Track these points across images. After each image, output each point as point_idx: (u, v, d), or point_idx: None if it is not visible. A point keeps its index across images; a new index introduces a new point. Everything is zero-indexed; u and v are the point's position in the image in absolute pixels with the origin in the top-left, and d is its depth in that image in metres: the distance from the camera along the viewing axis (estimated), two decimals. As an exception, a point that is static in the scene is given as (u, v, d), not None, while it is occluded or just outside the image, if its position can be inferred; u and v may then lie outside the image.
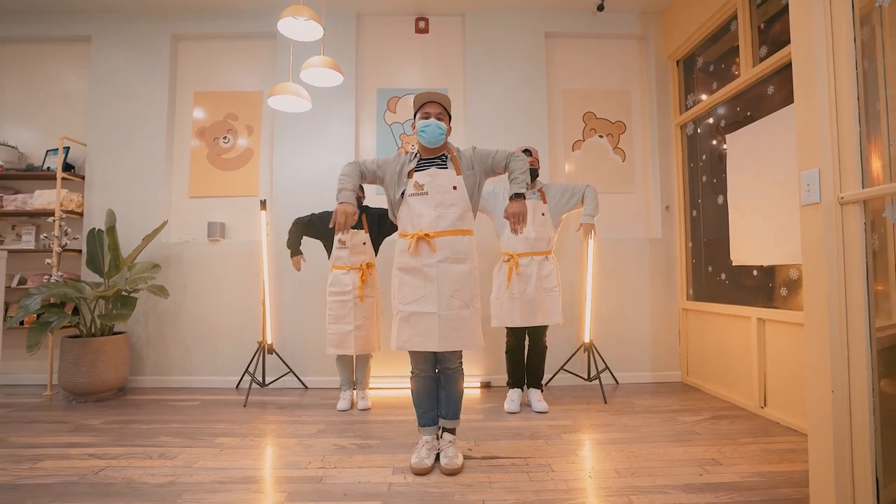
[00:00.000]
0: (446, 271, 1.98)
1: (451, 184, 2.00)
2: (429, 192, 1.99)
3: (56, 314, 2.90)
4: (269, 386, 3.31)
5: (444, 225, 1.98)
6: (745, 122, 2.85)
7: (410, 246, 1.99)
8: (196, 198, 3.64)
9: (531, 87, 3.62)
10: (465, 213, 2.03)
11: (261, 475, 1.91)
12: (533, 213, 2.78)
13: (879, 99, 1.49)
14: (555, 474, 1.90)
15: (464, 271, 2.00)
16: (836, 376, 1.45)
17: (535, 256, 2.75)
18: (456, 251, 1.99)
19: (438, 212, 1.98)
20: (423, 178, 2.01)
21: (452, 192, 2.00)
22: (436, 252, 1.97)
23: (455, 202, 2.00)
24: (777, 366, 2.57)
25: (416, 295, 1.99)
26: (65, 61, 3.72)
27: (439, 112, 2.03)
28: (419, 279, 2.00)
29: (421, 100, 2.05)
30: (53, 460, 2.04)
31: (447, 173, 2.02)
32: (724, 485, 1.80)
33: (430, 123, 2.00)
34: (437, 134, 2.01)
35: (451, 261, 1.99)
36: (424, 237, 1.97)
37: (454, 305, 1.97)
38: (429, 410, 2.07)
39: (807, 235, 1.56)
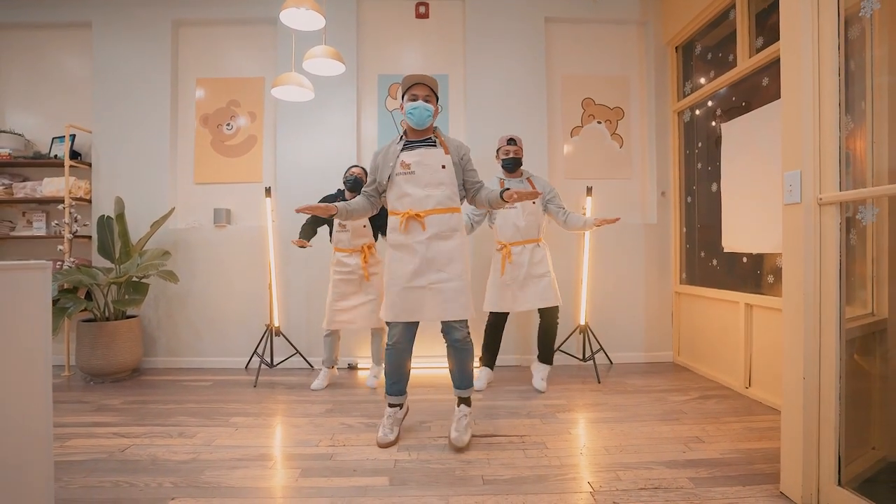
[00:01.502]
0: (435, 247, 2.06)
1: (440, 163, 2.06)
2: (416, 171, 2.05)
3: (72, 300, 3.01)
4: (277, 367, 3.45)
5: (432, 204, 2.05)
6: (740, 111, 2.90)
7: (401, 224, 2.07)
8: (201, 184, 3.71)
9: (531, 73, 3.64)
10: (453, 193, 2.09)
11: (275, 453, 2.06)
12: (522, 202, 2.84)
13: (866, 108, 1.56)
14: (549, 451, 2.05)
15: (452, 246, 2.08)
16: (808, 365, 1.57)
17: (526, 245, 2.85)
18: (444, 228, 2.07)
19: (427, 191, 2.05)
20: (410, 158, 2.06)
21: (441, 171, 2.06)
22: (425, 230, 2.05)
23: (443, 181, 2.06)
24: (762, 349, 2.71)
25: (406, 270, 2.08)
26: (67, 47, 3.72)
27: (427, 94, 2.07)
28: (409, 255, 2.08)
29: (408, 82, 2.09)
30: (81, 439, 2.19)
31: (436, 152, 2.07)
32: (704, 461, 1.94)
33: (417, 105, 2.04)
34: (425, 116, 2.06)
35: (440, 237, 2.07)
36: (415, 216, 2.04)
37: (443, 279, 2.06)
38: (398, 381, 2.18)
39: (787, 233, 1.66)
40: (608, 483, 1.77)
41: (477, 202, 2.17)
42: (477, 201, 2.17)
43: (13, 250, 3.68)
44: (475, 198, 2.18)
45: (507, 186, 2.85)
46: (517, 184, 2.91)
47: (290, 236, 3.52)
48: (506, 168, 2.90)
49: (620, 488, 1.74)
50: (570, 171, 3.73)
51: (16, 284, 1.04)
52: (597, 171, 3.73)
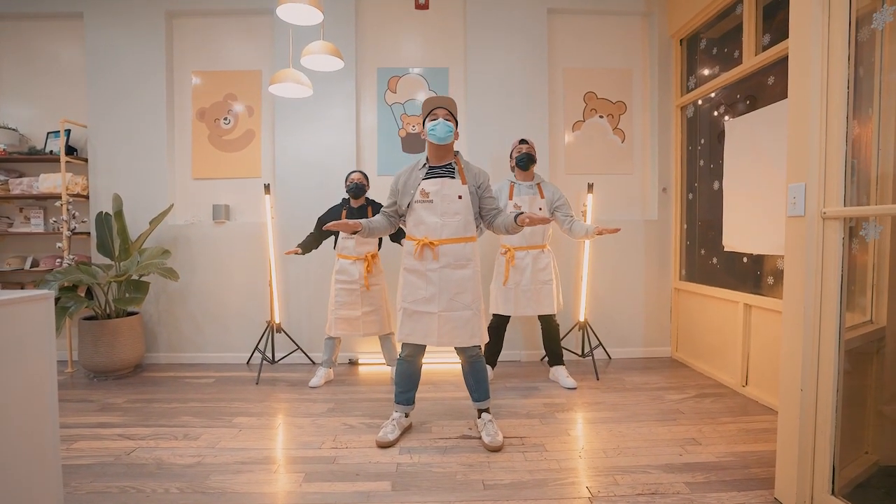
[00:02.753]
0: (448, 276, 2.12)
1: (457, 193, 2.11)
2: (434, 200, 2.10)
3: (73, 299, 3.02)
4: (278, 363, 3.48)
5: (448, 233, 2.10)
6: (744, 109, 2.87)
7: (416, 251, 2.12)
8: (199, 179, 3.68)
9: (532, 65, 3.58)
10: (468, 222, 2.14)
11: (279, 455, 2.09)
12: (531, 207, 2.85)
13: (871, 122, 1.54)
14: (548, 454, 2.08)
15: (465, 275, 2.13)
16: (806, 377, 1.59)
17: (530, 250, 2.86)
18: (458, 257, 2.12)
19: (443, 220, 2.10)
20: (430, 187, 2.11)
21: (457, 201, 2.10)
22: (438, 259, 2.10)
23: (459, 210, 2.11)
24: (760, 349, 2.73)
25: (418, 295, 2.15)
26: (60, 39, 3.64)
27: (446, 114, 2.11)
28: (422, 281, 2.14)
29: (428, 106, 2.13)
30: (87, 441, 2.22)
31: (454, 183, 2.12)
32: (700, 465, 1.98)
33: (438, 122, 2.08)
34: (446, 132, 2.09)
35: (453, 266, 2.12)
36: (429, 244, 2.09)
37: (455, 307, 2.12)
38: (407, 391, 2.28)
39: (790, 245, 1.65)
40: (606, 488, 1.81)
41: (494, 228, 2.19)
42: (494, 227, 2.19)
43: (11, 246, 3.67)
44: (492, 224, 2.19)
45: (518, 205, 2.87)
46: (527, 188, 2.90)
47: (289, 232, 3.51)
48: (519, 165, 2.88)
49: (618, 493, 1.77)
50: (571, 165, 3.70)
51: (19, 317, 1.04)
52: (598, 166, 3.71)
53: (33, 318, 1.08)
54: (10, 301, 1.01)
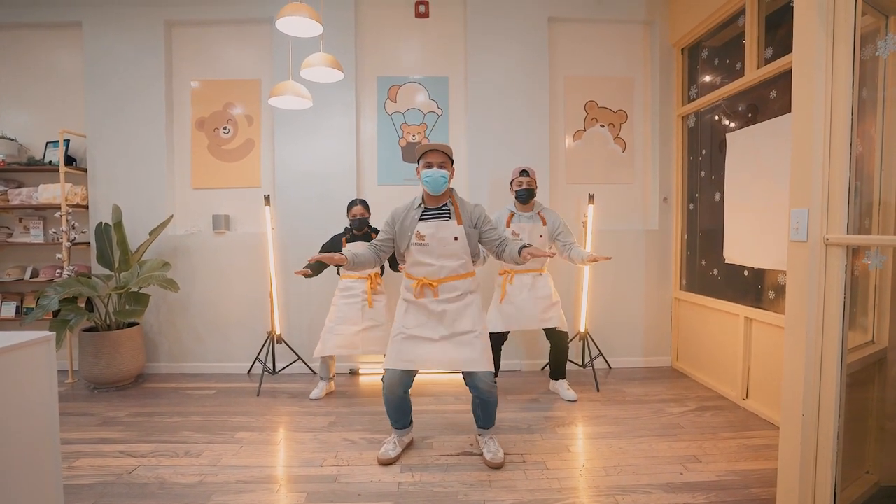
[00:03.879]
0: (448, 308, 2.13)
1: (453, 234, 2.09)
2: (430, 243, 2.09)
3: (73, 311, 3.02)
4: (279, 373, 3.48)
5: (446, 273, 2.11)
6: (746, 122, 2.86)
7: (416, 289, 2.13)
8: (199, 189, 3.67)
9: (533, 74, 3.57)
10: (465, 261, 2.13)
11: (280, 474, 2.09)
12: (530, 235, 2.85)
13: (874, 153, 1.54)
14: (548, 472, 2.09)
15: (465, 304, 2.14)
16: (807, 401, 1.59)
17: (529, 273, 2.87)
18: (457, 292, 2.13)
19: (440, 262, 2.10)
20: (425, 230, 2.09)
21: (453, 243, 2.09)
22: (438, 296, 2.11)
23: (456, 252, 2.10)
24: (760, 362, 2.73)
25: (419, 321, 2.14)
26: (59, 48, 3.63)
27: (442, 161, 2.09)
28: (423, 312, 2.15)
29: (423, 150, 2.11)
30: (89, 458, 2.22)
31: (449, 224, 2.10)
32: (701, 484, 1.98)
33: (432, 173, 2.08)
34: (441, 182, 2.09)
35: (453, 300, 2.13)
36: (428, 284, 2.10)
37: (456, 334, 2.12)
38: (400, 419, 2.24)
39: (792, 269, 1.65)
40: (607, 509, 1.81)
41: (504, 259, 2.16)
42: (504, 258, 2.16)
43: (11, 257, 3.67)
44: (501, 256, 2.16)
45: (517, 233, 2.86)
46: (528, 218, 2.89)
47: (289, 243, 3.51)
48: (519, 199, 2.88)
49: (619, 515, 1.78)
50: (572, 175, 3.69)
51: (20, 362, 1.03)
52: (599, 175, 3.70)
53: (34, 361, 1.08)
54: (11, 348, 1.00)
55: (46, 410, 1.17)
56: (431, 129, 3.64)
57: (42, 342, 1.12)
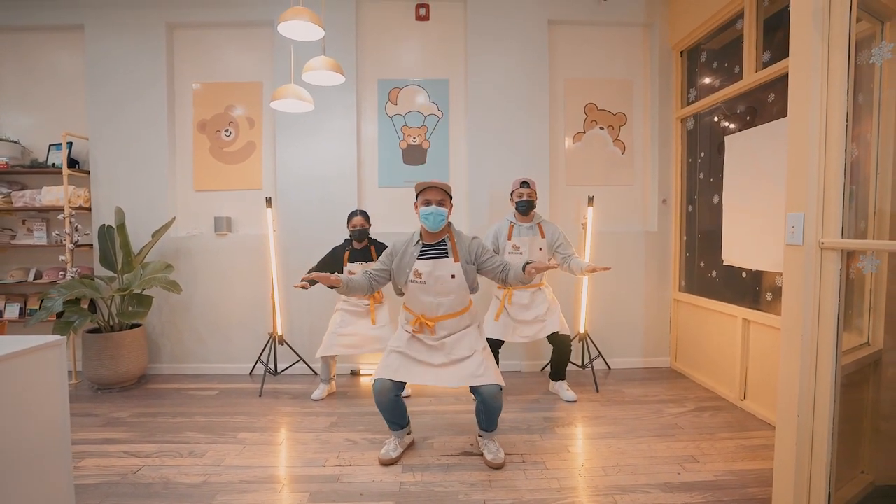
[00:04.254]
0: (446, 341, 2.18)
1: (450, 273, 2.13)
2: (426, 281, 2.12)
3: (77, 313, 3.04)
4: (280, 374, 3.51)
5: (443, 311, 2.16)
6: (744, 125, 2.88)
7: (413, 324, 2.18)
8: (201, 191, 3.69)
9: (533, 76, 3.59)
10: (462, 297, 2.18)
11: (283, 474, 2.12)
12: (530, 248, 2.87)
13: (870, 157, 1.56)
14: (548, 472, 2.11)
15: (464, 334, 2.20)
16: (803, 403, 1.62)
17: (529, 289, 2.89)
18: (455, 328, 2.19)
19: (438, 300, 2.14)
20: (423, 268, 2.13)
21: (450, 281, 2.13)
22: (436, 333, 2.17)
23: (453, 290, 2.14)
24: (758, 363, 2.76)
25: (417, 349, 2.19)
26: (61, 50, 3.65)
27: (440, 198, 2.12)
28: (421, 345, 2.19)
29: (421, 187, 2.14)
30: (94, 458, 2.24)
31: (446, 263, 2.13)
32: (698, 484, 2.01)
33: (431, 211, 2.11)
34: (439, 221, 2.13)
35: (451, 333, 2.19)
36: (426, 323, 2.14)
37: (455, 358, 2.16)
38: (395, 420, 2.25)
39: (788, 272, 1.68)
40: (606, 509, 1.84)
41: (509, 283, 2.17)
42: (509, 282, 2.17)
43: (15, 258, 3.69)
44: (507, 281, 2.17)
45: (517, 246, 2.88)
46: (527, 229, 2.91)
47: (290, 245, 3.53)
48: (519, 210, 2.91)
49: (618, 515, 1.80)
50: (572, 177, 3.71)
51: (32, 365, 1.06)
52: (598, 177, 3.72)
53: (46, 364, 1.10)
54: (22, 352, 1.03)
55: (58, 412, 1.20)
56: (432, 132, 3.66)
57: (54, 346, 1.15)
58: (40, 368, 1.12)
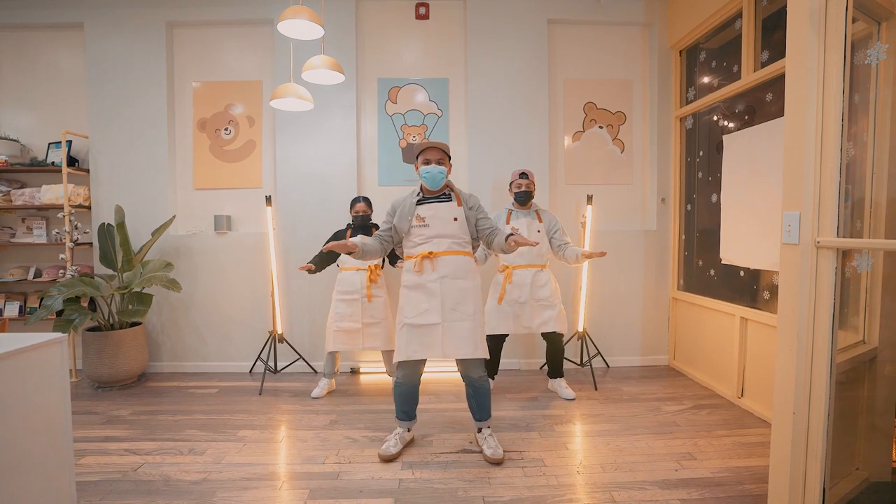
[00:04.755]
0: (448, 286, 2.17)
1: (453, 215, 2.18)
2: (430, 224, 2.18)
3: (77, 311, 3.05)
4: (280, 372, 3.52)
5: (446, 247, 2.18)
6: (743, 124, 2.90)
7: (416, 264, 2.17)
8: (201, 190, 3.70)
9: (533, 76, 3.60)
10: (465, 241, 2.22)
11: (283, 471, 2.13)
12: (528, 230, 2.89)
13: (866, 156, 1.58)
14: (547, 469, 2.13)
15: (465, 287, 2.19)
16: (798, 400, 1.63)
17: (529, 268, 2.90)
18: (457, 268, 2.18)
19: (440, 237, 2.18)
20: (425, 212, 2.19)
21: (453, 224, 2.17)
22: (437, 270, 2.16)
23: (455, 232, 2.19)
24: (755, 362, 2.78)
25: (420, 308, 2.19)
26: (61, 49, 3.65)
27: (439, 157, 2.20)
28: (423, 294, 2.19)
29: (421, 148, 2.22)
30: (94, 456, 2.25)
31: (449, 206, 2.20)
32: (696, 480, 2.03)
33: (430, 169, 2.18)
34: (439, 179, 2.20)
35: (452, 277, 2.18)
36: (428, 255, 2.15)
37: (456, 317, 2.17)
38: (408, 409, 2.31)
39: (784, 271, 1.69)
40: (604, 505, 1.85)
41: (493, 248, 2.28)
42: (493, 247, 2.28)
43: (14, 257, 3.69)
44: (490, 244, 2.27)
45: (516, 228, 2.90)
46: (525, 215, 2.95)
47: (291, 244, 3.54)
48: (518, 201, 2.95)
49: (615, 511, 1.82)
50: (571, 176, 3.73)
51: (35, 362, 1.07)
52: (597, 176, 3.74)
53: (49, 361, 1.11)
54: (25, 349, 1.04)
55: (60, 409, 1.21)
56: (431, 131, 3.67)
57: (55, 343, 1.16)
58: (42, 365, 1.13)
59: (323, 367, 3.16)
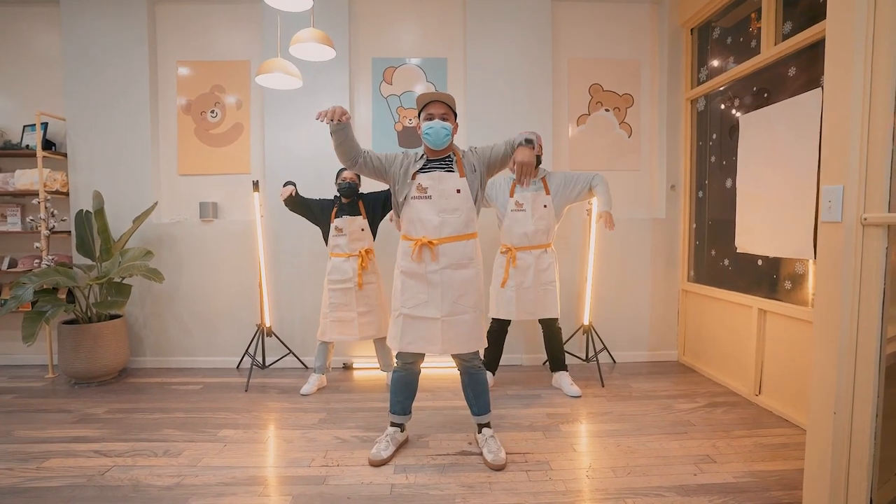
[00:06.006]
0: (449, 277, 1.97)
1: (455, 187, 1.97)
2: (432, 195, 1.96)
3: (50, 302, 2.86)
4: (269, 367, 3.34)
5: (448, 231, 1.96)
6: (761, 103, 2.70)
7: (414, 251, 1.97)
8: (186, 175, 3.50)
9: (535, 56, 3.40)
10: (469, 218, 2.00)
11: (265, 475, 1.95)
12: (534, 204, 2.71)
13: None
14: (553, 473, 1.95)
15: (468, 276, 2.00)
16: (840, 399, 1.45)
17: (533, 250, 2.72)
18: (459, 257, 1.98)
19: (442, 217, 1.96)
20: (426, 181, 1.97)
21: (456, 196, 1.96)
22: (438, 260, 1.96)
23: (459, 206, 1.97)
24: (775, 357, 2.59)
25: (418, 300, 2.00)
26: (36, 26, 3.45)
27: (444, 112, 1.96)
28: (422, 284, 1.99)
29: (424, 100, 1.98)
30: (60, 458, 2.07)
31: (451, 176, 1.98)
32: (717, 486, 1.84)
33: (433, 125, 1.94)
34: (443, 135, 1.95)
35: (455, 266, 1.98)
36: (427, 244, 1.94)
37: (458, 311, 1.99)
38: (404, 400, 2.15)
39: (824, 253, 1.50)
40: (617, 514, 1.67)
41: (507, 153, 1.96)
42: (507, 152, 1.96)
43: (-11, 245, 3.50)
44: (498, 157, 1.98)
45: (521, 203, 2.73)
46: (531, 186, 2.76)
47: (280, 232, 3.36)
48: None
49: (630, 521, 1.64)
50: (576, 161, 3.53)
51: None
52: (603, 161, 3.54)
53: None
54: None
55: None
56: (429, 113, 3.47)
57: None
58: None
59: (314, 362, 2.97)
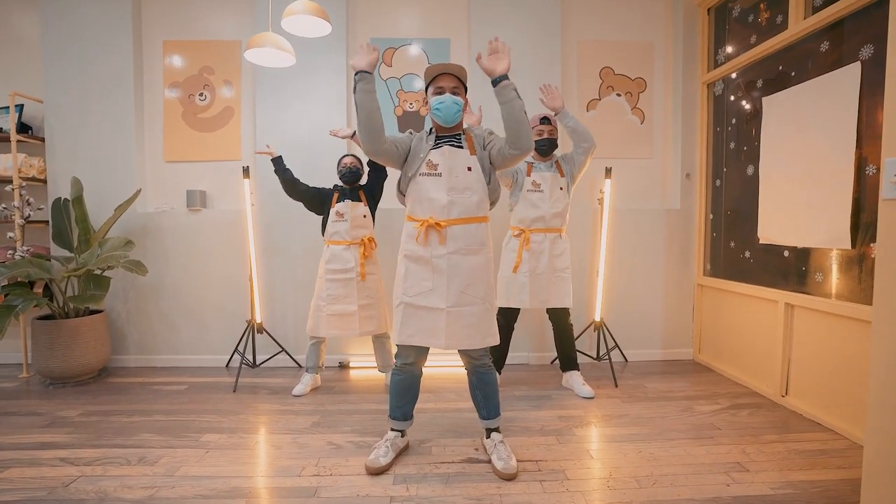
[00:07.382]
0: (457, 263, 1.78)
1: (466, 164, 1.79)
2: (442, 173, 1.78)
3: (22, 295, 2.66)
4: (260, 366, 3.14)
5: (458, 212, 1.77)
6: (787, 83, 2.52)
7: (419, 234, 1.77)
8: (172, 162, 3.30)
9: (544, 37, 3.21)
10: (481, 199, 1.81)
11: (249, 486, 1.75)
12: (551, 187, 2.53)
13: None
14: (570, 484, 1.75)
15: (478, 263, 1.81)
16: (908, 402, 1.26)
17: (548, 234, 2.53)
18: (469, 241, 1.79)
19: (451, 197, 1.77)
20: (437, 157, 1.79)
21: (467, 174, 1.78)
22: (446, 244, 1.77)
23: (470, 185, 1.79)
24: (804, 355, 2.41)
25: (423, 287, 1.81)
26: (13, 2, 3.24)
27: (454, 86, 1.78)
28: (427, 270, 1.80)
29: (432, 72, 1.80)
30: (21, 467, 1.86)
31: (462, 153, 1.80)
32: (754, 499, 1.65)
33: (444, 100, 1.76)
34: (454, 111, 1.77)
35: (464, 252, 1.79)
36: (435, 225, 1.75)
37: (465, 301, 1.79)
38: (405, 405, 1.95)
39: (886, 235, 1.31)
40: (646, 532, 1.48)
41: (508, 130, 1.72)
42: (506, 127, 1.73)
43: (-39, 236, 3.29)
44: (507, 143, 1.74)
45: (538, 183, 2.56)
46: (547, 167, 2.59)
47: (271, 221, 3.16)
48: (538, 150, 2.57)
49: (661, 539, 1.45)
50: (586, 149, 3.34)
51: None
52: (615, 149, 3.35)
53: None
54: None
55: None
56: (430, 97, 3.28)
57: None
58: None
59: (305, 361, 2.77)
